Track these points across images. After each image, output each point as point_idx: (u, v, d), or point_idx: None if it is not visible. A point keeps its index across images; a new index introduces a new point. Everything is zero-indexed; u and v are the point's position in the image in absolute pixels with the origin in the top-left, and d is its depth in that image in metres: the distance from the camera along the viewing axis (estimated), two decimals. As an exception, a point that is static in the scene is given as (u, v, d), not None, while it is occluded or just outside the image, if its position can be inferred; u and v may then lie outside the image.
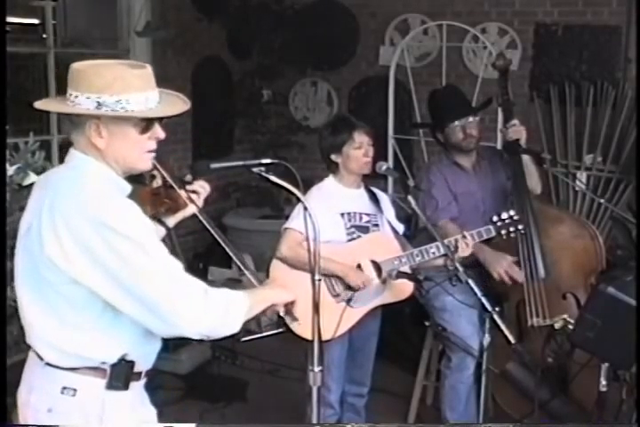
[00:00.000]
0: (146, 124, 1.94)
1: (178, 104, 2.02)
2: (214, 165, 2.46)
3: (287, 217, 3.22)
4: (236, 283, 4.62)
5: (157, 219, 2.21)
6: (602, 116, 5.02)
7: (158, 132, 1.98)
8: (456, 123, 3.49)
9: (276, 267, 3.14)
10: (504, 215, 3.15)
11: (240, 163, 2.37)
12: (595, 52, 5.32)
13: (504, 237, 3.18)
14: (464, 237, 3.10)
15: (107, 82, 1.87)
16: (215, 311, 1.93)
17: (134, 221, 1.90)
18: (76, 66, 1.93)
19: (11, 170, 3.31)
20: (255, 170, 2.27)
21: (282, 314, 2.19)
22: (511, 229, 3.16)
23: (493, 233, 3.17)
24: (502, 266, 3.35)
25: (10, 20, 5.57)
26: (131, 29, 5.34)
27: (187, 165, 5.11)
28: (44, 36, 5.52)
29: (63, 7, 6.50)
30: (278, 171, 2.32)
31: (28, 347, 2.07)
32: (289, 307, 2.19)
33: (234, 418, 3.85)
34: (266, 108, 6.15)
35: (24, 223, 2.00)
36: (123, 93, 1.87)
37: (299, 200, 2.24)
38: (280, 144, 6.06)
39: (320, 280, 2.19)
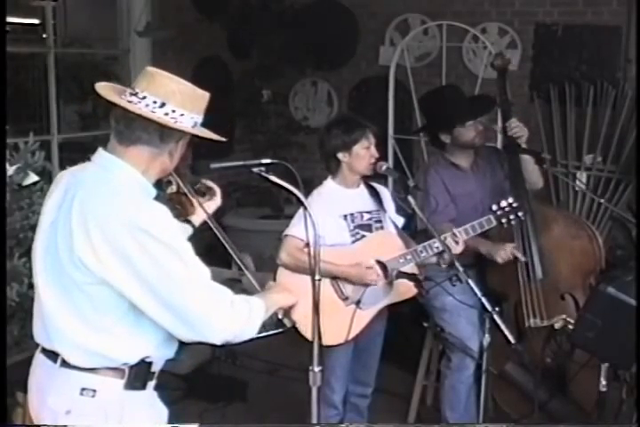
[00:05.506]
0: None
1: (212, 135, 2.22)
2: (214, 165, 2.46)
3: (287, 217, 3.22)
4: (235, 283, 4.61)
5: (185, 219, 2.23)
6: (602, 116, 5.02)
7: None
8: (471, 122, 3.49)
9: (282, 272, 3.14)
10: (503, 203, 3.14)
11: (240, 163, 2.37)
12: (595, 52, 5.32)
13: (505, 225, 3.17)
14: (454, 234, 3.09)
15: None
16: (240, 319, 1.96)
17: (169, 227, 1.92)
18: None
19: (11, 170, 3.31)
20: (255, 170, 2.28)
21: (280, 317, 2.19)
22: (511, 216, 3.14)
23: (494, 222, 3.15)
24: (505, 250, 3.34)
25: (10, 20, 5.58)
26: (131, 29, 5.34)
27: (187, 166, 5.10)
28: (44, 36, 5.52)
29: (63, 7, 6.51)
30: (278, 171, 2.32)
31: (33, 347, 2.05)
32: (287, 310, 2.19)
33: (234, 418, 3.85)
34: (266, 108, 6.14)
35: (46, 217, 2.00)
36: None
37: (299, 200, 2.24)
38: (280, 144, 6.05)
39: (320, 280, 2.19)
